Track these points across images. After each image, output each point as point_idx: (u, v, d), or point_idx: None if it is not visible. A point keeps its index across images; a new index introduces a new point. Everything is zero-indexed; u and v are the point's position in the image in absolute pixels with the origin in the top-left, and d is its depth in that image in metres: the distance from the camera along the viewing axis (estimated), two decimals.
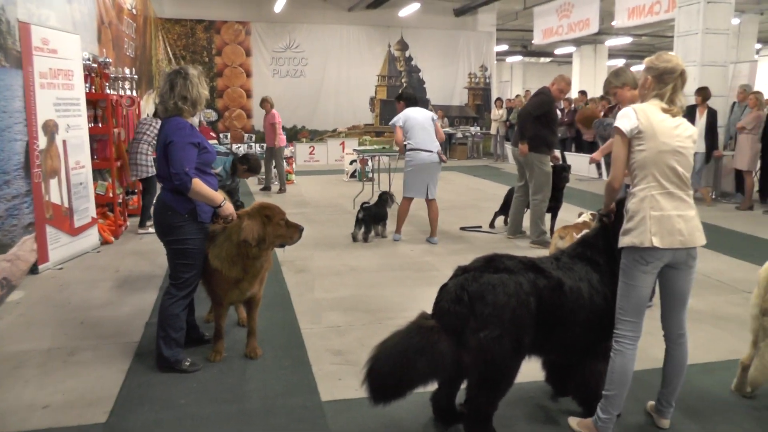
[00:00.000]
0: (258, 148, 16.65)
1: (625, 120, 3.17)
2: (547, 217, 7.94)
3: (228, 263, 4.04)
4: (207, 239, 4.12)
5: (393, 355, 3.00)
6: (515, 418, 3.53)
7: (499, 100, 19.32)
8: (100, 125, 7.85)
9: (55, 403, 3.70)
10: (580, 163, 13.50)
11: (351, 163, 14.26)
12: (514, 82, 31.38)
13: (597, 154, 5.77)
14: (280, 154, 12.45)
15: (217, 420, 3.53)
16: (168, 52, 17.73)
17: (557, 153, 8.15)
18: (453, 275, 3.26)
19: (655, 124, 3.12)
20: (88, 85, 7.60)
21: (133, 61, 11.83)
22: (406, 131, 7.66)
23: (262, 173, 13.53)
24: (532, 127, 7.61)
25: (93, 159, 7.63)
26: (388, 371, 2.98)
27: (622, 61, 28.18)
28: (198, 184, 3.91)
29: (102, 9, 9.56)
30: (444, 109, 19.96)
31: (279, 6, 17.59)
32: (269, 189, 12.53)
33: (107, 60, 8.47)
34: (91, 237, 7.35)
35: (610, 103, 13.41)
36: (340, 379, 4.04)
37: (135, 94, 9.41)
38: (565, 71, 25.60)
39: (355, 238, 8.00)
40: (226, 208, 4.05)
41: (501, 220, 8.80)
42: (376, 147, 14.72)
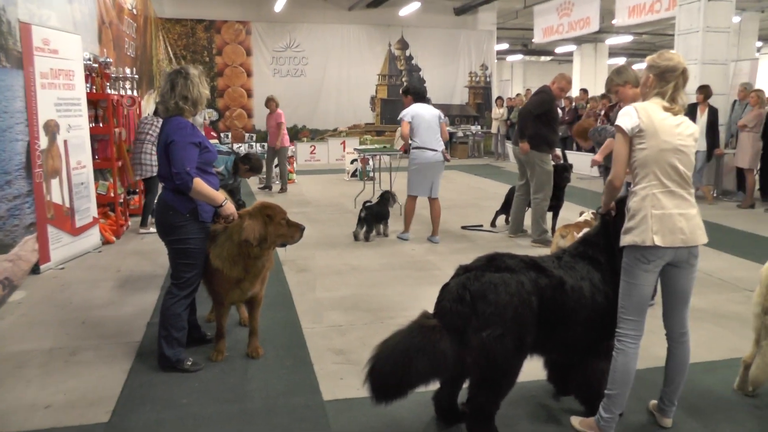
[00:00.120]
0: (259, 147, 16.63)
1: (626, 118, 3.16)
2: (548, 215, 7.94)
3: (229, 263, 4.04)
4: (208, 239, 4.12)
5: (395, 355, 3.00)
6: (517, 418, 3.52)
7: (499, 98, 19.31)
8: (101, 125, 7.85)
9: (57, 403, 3.70)
10: (582, 162, 13.50)
11: (352, 162, 14.26)
12: (515, 81, 31.38)
13: (598, 155, 5.78)
14: (284, 153, 12.40)
15: (218, 419, 3.53)
16: (168, 51, 17.73)
17: (558, 152, 8.15)
18: (455, 274, 3.25)
19: (656, 122, 3.12)
20: (88, 85, 7.61)
21: (133, 61, 11.84)
22: (412, 128, 7.65)
23: (263, 173, 13.57)
24: (532, 126, 7.61)
25: (94, 159, 7.64)
26: (390, 370, 2.97)
27: (622, 59, 28.15)
28: (199, 184, 3.91)
29: (102, 9, 9.57)
30: (445, 108, 19.88)
31: (279, 5, 17.58)
32: (270, 188, 12.51)
33: (108, 60, 8.47)
34: (93, 237, 7.35)
35: (610, 102, 13.41)
36: (342, 379, 4.04)
37: (136, 93, 9.42)
38: (565, 70, 25.57)
39: (356, 237, 8.01)
40: (228, 208, 4.05)
41: (502, 219, 8.80)
42: (377, 146, 14.73)
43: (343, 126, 19.77)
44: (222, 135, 17.95)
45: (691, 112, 10.16)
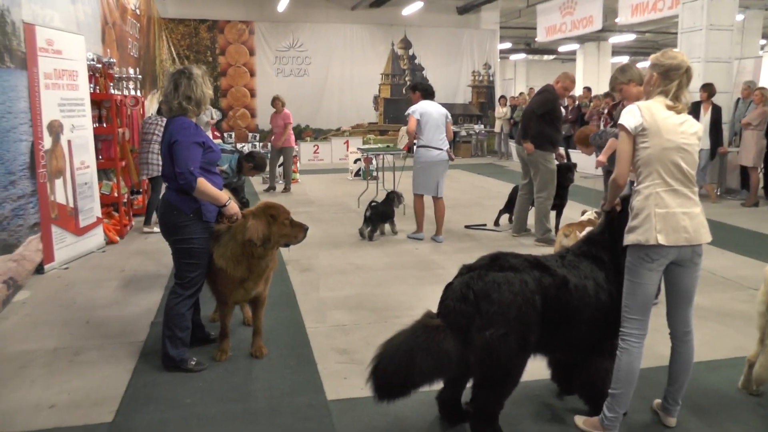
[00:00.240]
0: (261, 147, 16.63)
1: (629, 117, 3.16)
2: (552, 214, 7.93)
3: (233, 263, 4.04)
4: (212, 239, 4.13)
5: (398, 354, 3.00)
6: (521, 417, 3.52)
7: (503, 97, 19.28)
8: (104, 125, 7.86)
9: (61, 403, 3.71)
10: (585, 161, 13.46)
11: (355, 161, 14.26)
12: (518, 80, 31.31)
13: (602, 156, 5.77)
14: (289, 153, 12.34)
15: (222, 419, 3.54)
16: (172, 52, 17.76)
17: (562, 150, 8.14)
18: (458, 274, 3.25)
19: (659, 121, 3.11)
20: (92, 85, 7.62)
21: (137, 61, 11.86)
22: (420, 126, 7.62)
23: (266, 173, 13.56)
24: (535, 125, 7.60)
25: (98, 159, 7.65)
26: (394, 370, 2.98)
27: (625, 58, 28.10)
28: (203, 184, 3.92)
29: (106, 9, 9.58)
30: (448, 108, 19.72)
31: (282, 5, 17.58)
32: (274, 189, 12.42)
33: (111, 60, 8.48)
34: (97, 237, 7.36)
35: (614, 100, 13.38)
36: (346, 378, 4.04)
37: (139, 94, 9.43)
38: (568, 69, 25.48)
39: (362, 235, 8.01)
40: (231, 208, 4.05)
41: (506, 218, 8.78)
42: (381, 145, 14.74)
43: (346, 125, 19.78)
44: (225, 135, 17.96)
45: (694, 111, 10.14)
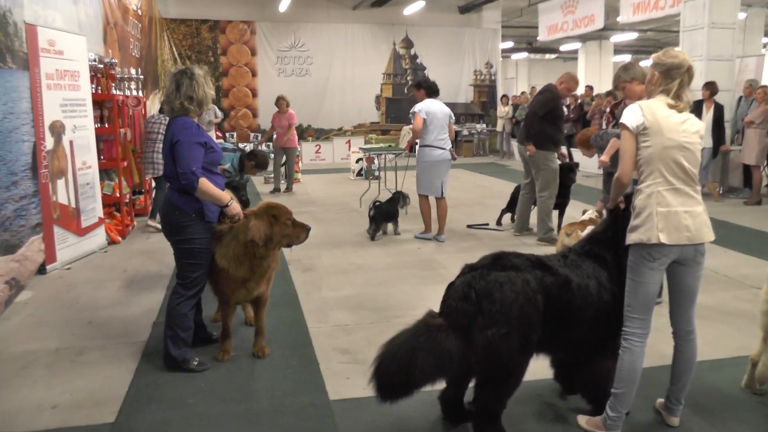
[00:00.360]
0: (264, 147, 16.61)
1: (631, 116, 3.16)
2: (554, 214, 7.92)
3: (235, 263, 4.04)
4: (214, 239, 4.13)
5: (400, 354, 3.00)
6: (524, 417, 3.52)
7: (504, 97, 19.27)
8: (106, 125, 7.86)
9: (63, 403, 3.72)
10: (588, 160, 13.46)
11: (357, 161, 14.25)
12: (520, 79, 31.27)
13: (604, 155, 5.76)
14: (292, 153, 12.25)
15: (225, 419, 3.54)
16: (173, 52, 17.77)
17: (564, 150, 8.14)
18: (460, 273, 3.25)
19: (660, 119, 3.11)
20: (94, 85, 7.62)
21: (138, 62, 11.86)
22: (425, 125, 7.57)
23: (269, 174, 13.53)
24: (537, 125, 7.59)
25: (99, 159, 7.66)
26: (396, 370, 2.97)
27: (627, 56, 28.05)
28: (205, 184, 3.92)
29: (108, 10, 9.59)
30: (450, 107, 19.79)
31: (284, 5, 17.59)
32: (280, 190, 12.20)
33: (113, 61, 8.49)
34: (99, 237, 7.37)
35: (616, 99, 13.35)
36: (348, 378, 4.04)
37: (141, 94, 9.44)
38: (570, 67, 25.54)
39: (370, 237, 8.00)
40: (233, 208, 4.05)
41: (508, 217, 8.78)
42: (382, 145, 14.72)
43: (348, 125, 19.78)
44: (227, 135, 17.96)
45: (696, 109, 10.12)
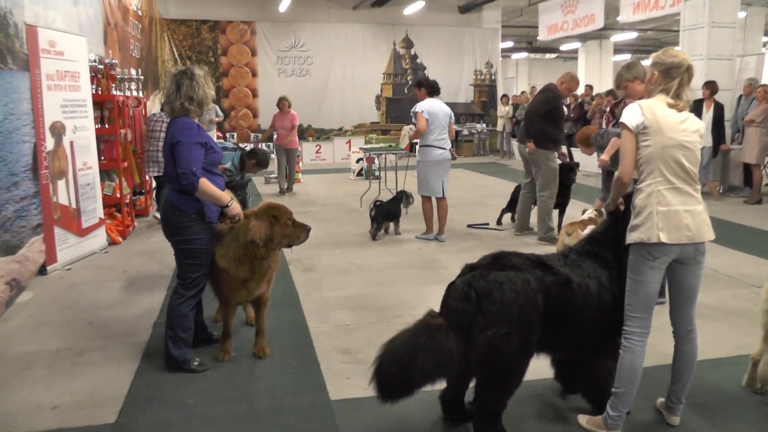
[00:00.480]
0: (264, 146, 16.60)
1: (631, 115, 3.16)
2: (554, 213, 7.92)
3: (235, 263, 4.04)
4: (214, 239, 4.13)
5: (400, 354, 3.00)
6: (524, 416, 3.52)
7: (504, 96, 19.26)
8: (106, 126, 7.87)
9: (64, 404, 3.72)
10: (588, 159, 13.46)
11: (357, 161, 14.25)
12: (520, 79, 31.29)
13: (605, 155, 5.77)
14: (294, 153, 12.15)
15: (225, 420, 3.54)
16: (174, 52, 17.77)
17: (564, 149, 8.14)
18: (460, 273, 3.25)
19: (660, 119, 3.11)
20: (94, 86, 7.62)
21: (139, 62, 11.86)
22: (426, 125, 7.56)
23: (269, 174, 13.53)
24: (538, 124, 7.59)
25: (100, 160, 7.66)
26: (396, 370, 2.97)
27: (627, 56, 28.04)
28: (205, 184, 3.92)
29: (108, 11, 9.59)
30: (450, 107, 19.79)
31: (284, 5, 17.59)
32: (284, 192, 12.01)
33: (113, 61, 8.49)
34: (99, 237, 7.37)
35: (616, 98, 13.35)
36: (349, 378, 4.04)
37: (141, 94, 9.44)
38: (570, 67, 25.54)
39: (372, 237, 8.01)
40: (234, 208, 4.05)
41: (508, 217, 8.78)
42: (383, 145, 14.72)
43: (348, 125, 19.78)
44: (227, 135, 17.96)
45: (696, 108, 10.11)
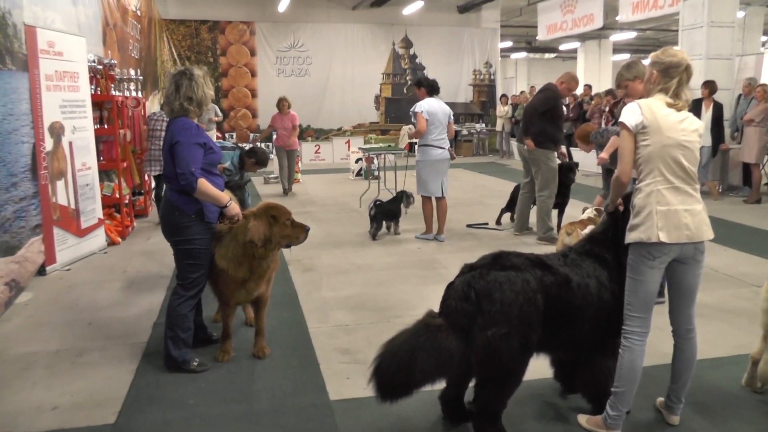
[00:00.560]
0: (263, 146, 16.57)
1: (630, 115, 3.16)
2: (554, 213, 7.92)
3: (234, 263, 4.04)
4: (214, 239, 4.13)
5: (400, 354, 3.00)
6: (524, 416, 3.52)
7: (504, 96, 19.26)
8: (105, 126, 7.86)
9: (63, 405, 3.72)
10: (587, 159, 13.46)
11: (357, 161, 14.24)
12: (519, 79, 31.27)
13: (604, 153, 5.78)
14: (293, 155, 12.06)
15: (225, 420, 3.54)
16: (173, 53, 17.76)
17: (563, 149, 8.15)
18: (460, 273, 3.25)
19: (659, 118, 3.11)
20: (93, 86, 7.62)
21: (138, 63, 11.85)
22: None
23: (268, 174, 13.53)
24: (537, 123, 7.60)
25: (99, 160, 7.65)
26: (396, 370, 2.97)
27: (626, 55, 28.05)
28: (204, 185, 3.91)
29: (107, 11, 9.58)
30: (449, 107, 19.82)
31: (283, 5, 17.58)
32: (288, 193, 11.88)
33: (112, 62, 8.48)
34: (98, 238, 7.37)
35: (615, 98, 13.36)
36: (348, 378, 4.04)
37: (140, 95, 9.43)
38: (569, 67, 25.55)
39: (372, 237, 8.01)
40: (232, 209, 4.05)
41: (508, 216, 8.78)
42: (382, 145, 14.72)
43: (347, 125, 19.77)
44: (227, 135, 17.95)
45: (696, 108, 10.13)
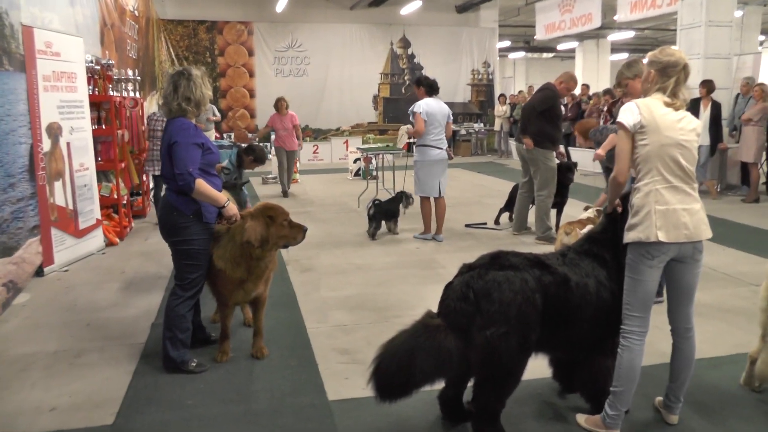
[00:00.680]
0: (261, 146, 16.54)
1: (627, 114, 3.16)
2: (552, 213, 7.92)
3: (232, 264, 4.03)
4: (212, 240, 4.12)
5: (399, 354, 3.00)
6: (523, 416, 3.52)
7: (502, 96, 19.26)
8: (103, 127, 7.85)
9: (62, 406, 3.71)
10: (586, 159, 13.47)
11: (355, 161, 14.24)
12: (517, 78, 31.27)
13: (600, 150, 5.79)
14: (294, 155, 11.97)
15: (224, 420, 3.53)
16: (171, 53, 17.74)
17: (562, 149, 8.15)
18: (458, 273, 3.25)
19: (657, 118, 3.11)
20: (91, 87, 7.61)
21: (135, 63, 11.84)
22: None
23: (267, 174, 13.53)
24: (536, 123, 7.59)
25: (97, 161, 7.64)
26: (395, 370, 2.97)
27: (624, 55, 28.05)
28: (201, 185, 3.91)
29: (105, 11, 9.57)
30: (447, 106, 19.87)
31: (281, 5, 17.56)
32: (287, 194, 11.72)
33: (110, 62, 8.47)
34: (96, 239, 7.36)
35: (613, 97, 13.37)
36: (347, 378, 4.03)
37: (138, 95, 9.42)
38: (567, 66, 25.55)
39: (371, 236, 8.01)
40: (230, 209, 4.05)
41: (506, 216, 8.78)
42: (380, 145, 14.72)
43: (345, 125, 19.76)
44: (225, 135, 17.92)
45: (694, 107, 10.13)
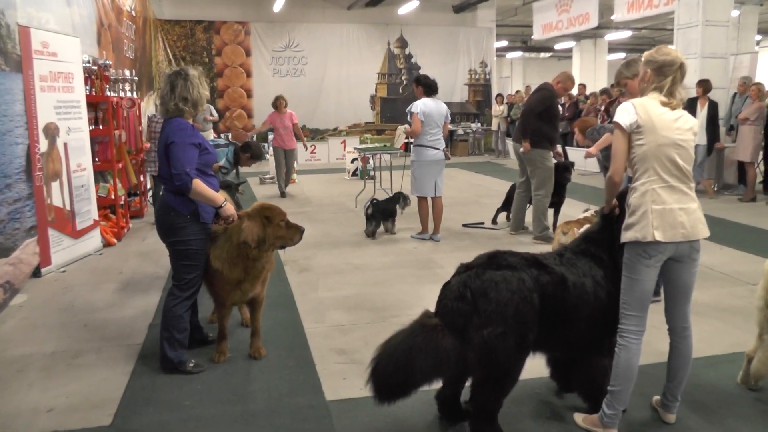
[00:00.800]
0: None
1: (624, 114, 3.16)
2: (549, 212, 7.93)
3: (229, 264, 4.03)
4: (209, 240, 4.12)
5: (397, 354, 3.00)
6: (521, 415, 3.52)
7: (499, 96, 19.28)
8: (100, 127, 7.84)
9: (59, 407, 3.71)
10: (583, 158, 13.49)
11: (352, 161, 14.24)
12: (515, 78, 31.32)
13: (593, 148, 5.82)
14: (292, 155, 11.93)
15: (221, 421, 3.53)
16: (168, 53, 17.71)
17: (559, 148, 8.15)
18: (456, 272, 3.25)
19: (654, 117, 3.12)
20: (88, 87, 7.60)
21: (133, 63, 11.83)
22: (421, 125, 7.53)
23: (264, 174, 13.52)
24: (533, 123, 7.60)
25: (94, 161, 7.63)
26: (392, 370, 2.97)
27: (622, 55, 28.06)
28: (199, 185, 3.91)
29: (101, 11, 9.55)
30: (446, 107, 19.87)
31: (278, 5, 17.56)
32: (285, 194, 11.67)
33: (107, 62, 8.46)
34: (94, 239, 7.35)
35: (610, 97, 13.38)
36: (345, 379, 4.03)
37: (135, 95, 9.41)
38: (565, 66, 25.60)
39: (368, 235, 8.02)
40: (227, 209, 4.05)
41: (503, 216, 8.78)
42: (377, 145, 14.71)
43: (343, 125, 19.75)
44: (222, 135, 17.88)
45: (690, 106, 10.14)
